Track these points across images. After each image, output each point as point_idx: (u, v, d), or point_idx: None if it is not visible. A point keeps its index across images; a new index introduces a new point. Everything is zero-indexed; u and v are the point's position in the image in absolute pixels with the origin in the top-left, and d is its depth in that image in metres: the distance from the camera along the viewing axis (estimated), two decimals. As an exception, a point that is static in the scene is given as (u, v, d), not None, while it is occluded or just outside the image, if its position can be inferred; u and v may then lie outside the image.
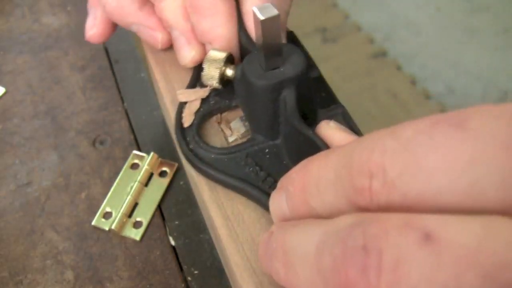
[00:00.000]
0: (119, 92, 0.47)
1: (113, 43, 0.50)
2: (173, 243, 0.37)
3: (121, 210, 0.37)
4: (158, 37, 0.37)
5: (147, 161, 0.40)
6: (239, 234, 0.29)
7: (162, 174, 0.40)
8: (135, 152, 0.41)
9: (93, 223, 0.38)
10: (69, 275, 0.35)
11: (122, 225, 0.37)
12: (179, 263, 0.36)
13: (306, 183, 0.22)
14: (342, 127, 0.28)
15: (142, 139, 0.43)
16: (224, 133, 0.33)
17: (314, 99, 0.32)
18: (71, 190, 0.40)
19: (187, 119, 0.33)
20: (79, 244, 0.37)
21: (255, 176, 0.30)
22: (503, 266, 0.14)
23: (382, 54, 1.56)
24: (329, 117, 0.31)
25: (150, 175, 0.40)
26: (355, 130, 0.30)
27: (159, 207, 0.39)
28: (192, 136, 0.32)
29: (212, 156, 0.31)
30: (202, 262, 0.36)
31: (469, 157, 0.16)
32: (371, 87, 1.46)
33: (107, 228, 0.37)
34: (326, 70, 0.35)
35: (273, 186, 0.29)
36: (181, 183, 0.40)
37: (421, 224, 0.16)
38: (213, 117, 0.34)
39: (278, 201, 0.24)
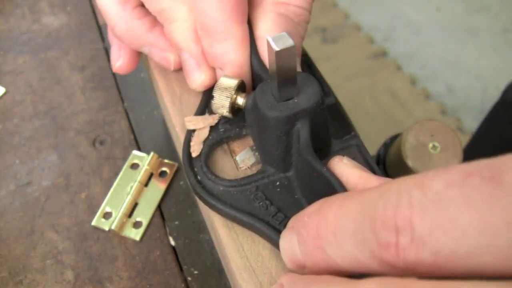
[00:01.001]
0: (119, 92, 0.47)
1: (113, 43, 0.50)
2: (173, 243, 0.37)
3: (121, 210, 0.37)
4: (170, 59, 0.35)
5: (147, 161, 0.40)
6: (239, 234, 0.29)
7: (162, 174, 0.40)
8: (135, 152, 0.41)
9: (93, 223, 0.38)
10: (69, 275, 0.35)
11: (122, 225, 0.37)
12: (179, 263, 0.36)
13: (321, 230, 0.20)
14: (356, 164, 0.26)
15: (142, 139, 0.43)
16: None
17: (329, 129, 0.30)
18: (71, 190, 0.40)
19: (196, 149, 0.31)
20: (79, 244, 0.37)
21: (265, 211, 0.28)
22: None
23: (382, 54, 1.56)
24: (343, 149, 0.30)
25: (150, 175, 0.40)
26: (370, 163, 0.30)
27: (159, 207, 0.39)
28: (200, 166, 0.30)
29: (221, 188, 0.29)
30: (202, 262, 0.36)
31: (507, 215, 0.15)
32: (371, 87, 1.46)
33: (107, 228, 0.37)
34: (326, 70, 0.35)
35: (283, 222, 0.27)
36: (181, 183, 0.40)
37: None
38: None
39: (289, 242, 0.23)
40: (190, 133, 0.32)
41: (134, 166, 0.41)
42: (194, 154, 0.31)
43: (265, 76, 0.31)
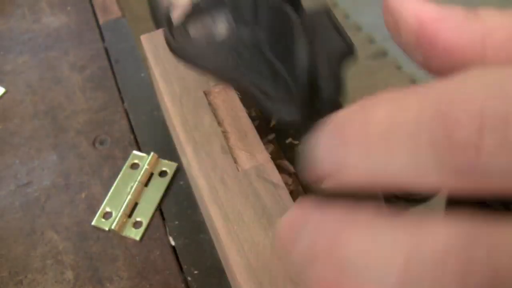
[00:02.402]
0: (119, 92, 0.47)
1: (113, 43, 0.50)
2: (173, 243, 0.37)
3: (121, 210, 0.37)
4: None
5: (147, 161, 0.40)
6: (239, 234, 0.29)
7: (162, 174, 0.40)
8: (135, 152, 0.41)
9: (93, 223, 0.38)
10: (69, 275, 0.35)
11: (122, 225, 0.37)
12: (179, 263, 0.36)
13: (370, 128, 0.14)
14: None
15: (142, 139, 0.43)
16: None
17: None
18: (71, 190, 0.40)
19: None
20: (79, 244, 0.37)
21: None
22: None
23: (382, 54, 1.56)
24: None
25: (150, 175, 0.40)
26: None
27: (159, 207, 0.39)
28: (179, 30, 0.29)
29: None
30: (202, 262, 0.36)
31: None
32: (371, 87, 1.46)
33: (107, 228, 0.37)
34: (326, 70, 0.35)
35: None
36: (181, 183, 0.40)
37: None
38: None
39: (326, 144, 0.15)
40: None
41: (134, 166, 0.41)
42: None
43: None
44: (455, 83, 0.13)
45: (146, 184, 0.39)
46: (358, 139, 0.14)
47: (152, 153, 0.40)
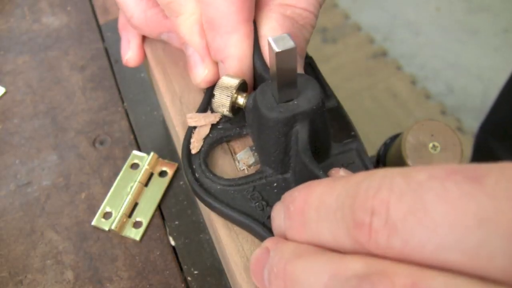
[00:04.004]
0: (119, 92, 0.47)
1: (113, 43, 0.50)
2: (173, 243, 0.37)
3: (121, 210, 0.37)
4: None
5: (147, 161, 0.40)
6: (239, 234, 0.29)
7: (162, 174, 0.40)
8: (135, 152, 0.41)
9: (93, 223, 0.38)
10: (69, 275, 0.35)
11: (122, 225, 0.37)
12: (179, 263, 0.36)
13: (306, 206, 0.21)
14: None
15: (142, 139, 0.43)
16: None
17: (329, 132, 0.30)
18: (71, 190, 0.40)
19: (195, 145, 0.31)
20: (79, 244, 0.37)
21: (261, 211, 0.28)
22: None
23: (382, 54, 1.56)
24: (343, 152, 0.30)
25: (150, 175, 0.40)
26: (368, 168, 0.29)
27: (159, 207, 0.39)
28: (198, 164, 0.30)
29: (218, 187, 0.29)
30: (202, 262, 0.36)
31: (480, 214, 0.15)
32: (371, 87, 1.46)
33: (107, 228, 0.37)
34: (326, 70, 0.35)
35: None
36: (181, 183, 0.40)
37: (428, 287, 0.15)
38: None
39: (277, 215, 0.24)
40: (191, 130, 0.32)
41: (134, 166, 0.41)
42: (193, 151, 0.31)
43: (267, 77, 0.30)
44: (362, 178, 0.19)
45: (146, 184, 0.39)
46: (297, 215, 0.21)
47: (152, 153, 0.40)
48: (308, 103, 0.27)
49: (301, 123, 0.27)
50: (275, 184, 0.29)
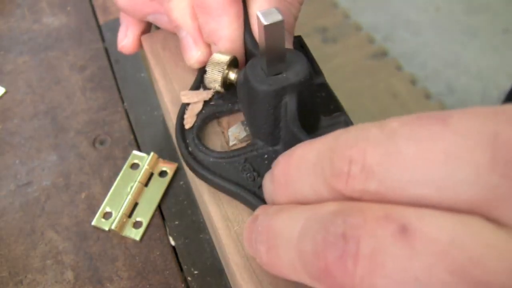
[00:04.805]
0: (119, 92, 0.47)
1: (113, 43, 0.50)
2: (173, 243, 0.37)
3: (121, 210, 0.37)
4: None
5: (147, 161, 0.40)
6: (239, 234, 0.29)
7: (162, 174, 0.40)
8: (135, 152, 0.41)
9: (93, 223, 0.38)
10: (69, 275, 0.35)
11: (122, 225, 0.37)
12: (179, 263, 0.36)
13: (287, 165, 0.22)
14: None
15: (142, 139, 0.43)
16: (225, 137, 0.33)
17: (317, 105, 0.32)
18: (71, 190, 0.40)
19: (189, 121, 0.32)
20: (79, 244, 0.37)
21: (252, 182, 0.29)
22: (473, 263, 0.15)
23: (382, 54, 1.56)
24: (332, 125, 0.31)
25: (150, 175, 0.40)
26: None
27: (159, 207, 0.39)
28: (192, 138, 0.32)
29: (211, 159, 0.31)
30: (202, 262, 0.36)
31: (446, 151, 0.16)
32: (371, 87, 1.46)
33: (107, 228, 0.37)
34: (326, 70, 0.35)
35: None
36: (181, 183, 0.40)
37: (399, 216, 0.17)
38: (215, 120, 0.34)
39: (266, 183, 0.25)
40: (184, 107, 0.33)
41: (134, 166, 0.41)
42: (187, 126, 0.32)
43: (257, 53, 0.32)
44: (340, 133, 0.20)
45: (146, 184, 0.39)
46: (280, 176, 0.23)
47: (152, 153, 0.40)
48: (296, 76, 0.28)
49: (290, 95, 0.28)
50: (265, 156, 0.30)
